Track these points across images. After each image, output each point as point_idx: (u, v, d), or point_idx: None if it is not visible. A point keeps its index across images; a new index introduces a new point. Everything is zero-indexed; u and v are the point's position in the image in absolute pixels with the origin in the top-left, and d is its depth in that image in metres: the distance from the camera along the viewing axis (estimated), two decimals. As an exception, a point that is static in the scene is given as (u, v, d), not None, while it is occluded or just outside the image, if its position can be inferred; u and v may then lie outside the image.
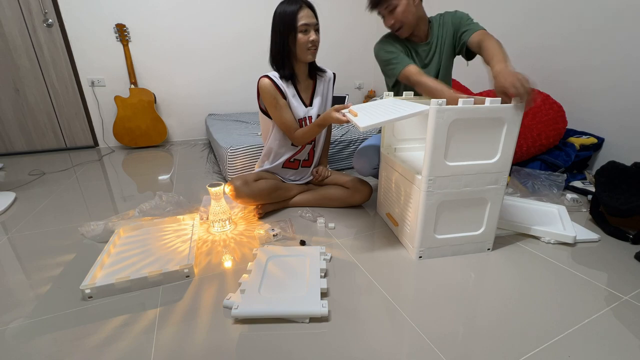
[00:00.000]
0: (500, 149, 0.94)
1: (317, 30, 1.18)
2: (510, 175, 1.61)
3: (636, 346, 0.70)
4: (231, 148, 1.67)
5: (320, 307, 0.78)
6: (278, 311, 0.78)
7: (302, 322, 0.78)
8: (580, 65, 1.70)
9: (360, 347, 0.71)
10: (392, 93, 1.23)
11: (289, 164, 1.41)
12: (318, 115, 1.33)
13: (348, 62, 3.35)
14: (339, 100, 3.10)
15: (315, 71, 1.33)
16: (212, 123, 2.45)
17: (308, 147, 1.40)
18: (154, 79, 2.71)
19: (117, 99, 2.53)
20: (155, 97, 2.67)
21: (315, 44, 1.18)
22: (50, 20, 2.35)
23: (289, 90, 1.26)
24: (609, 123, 1.62)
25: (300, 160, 1.42)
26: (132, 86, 2.58)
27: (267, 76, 1.22)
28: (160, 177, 1.93)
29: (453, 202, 0.98)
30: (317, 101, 1.34)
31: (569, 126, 1.72)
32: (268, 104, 1.24)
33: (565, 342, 0.71)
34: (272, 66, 1.26)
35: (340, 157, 1.96)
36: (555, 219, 1.21)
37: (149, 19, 2.57)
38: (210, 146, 2.60)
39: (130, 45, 2.56)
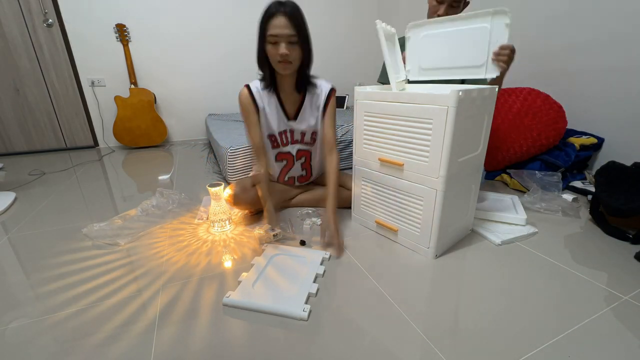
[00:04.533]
0: (482, 141, 1.04)
1: (293, 43, 1.01)
2: (510, 175, 1.61)
3: (636, 346, 0.70)
4: (231, 148, 1.67)
5: (300, 311, 0.79)
6: (263, 307, 0.81)
7: (302, 322, 0.78)
8: (580, 65, 1.70)
9: (361, 347, 0.71)
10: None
11: (285, 183, 1.38)
12: (303, 134, 1.25)
13: (348, 63, 3.36)
14: (339, 100, 3.10)
15: (304, 84, 1.18)
16: (212, 123, 2.45)
17: (299, 163, 1.31)
18: (154, 78, 2.71)
19: (117, 99, 2.53)
20: (155, 97, 2.67)
21: (285, 58, 1.02)
22: (50, 20, 2.35)
23: (267, 100, 1.18)
24: (609, 123, 1.62)
25: (295, 177, 1.37)
26: (132, 86, 2.58)
27: (247, 86, 1.17)
28: (160, 177, 1.93)
29: (454, 196, 1.00)
30: (304, 116, 1.23)
31: (569, 126, 1.72)
32: (242, 113, 1.21)
33: (565, 342, 0.71)
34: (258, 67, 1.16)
35: (340, 157, 1.95)
36: (510, 207, 1.30)
37: (149, 19, 2.57)
38: (210, 146, 2.60)
39: (130, 45, 2.56)
